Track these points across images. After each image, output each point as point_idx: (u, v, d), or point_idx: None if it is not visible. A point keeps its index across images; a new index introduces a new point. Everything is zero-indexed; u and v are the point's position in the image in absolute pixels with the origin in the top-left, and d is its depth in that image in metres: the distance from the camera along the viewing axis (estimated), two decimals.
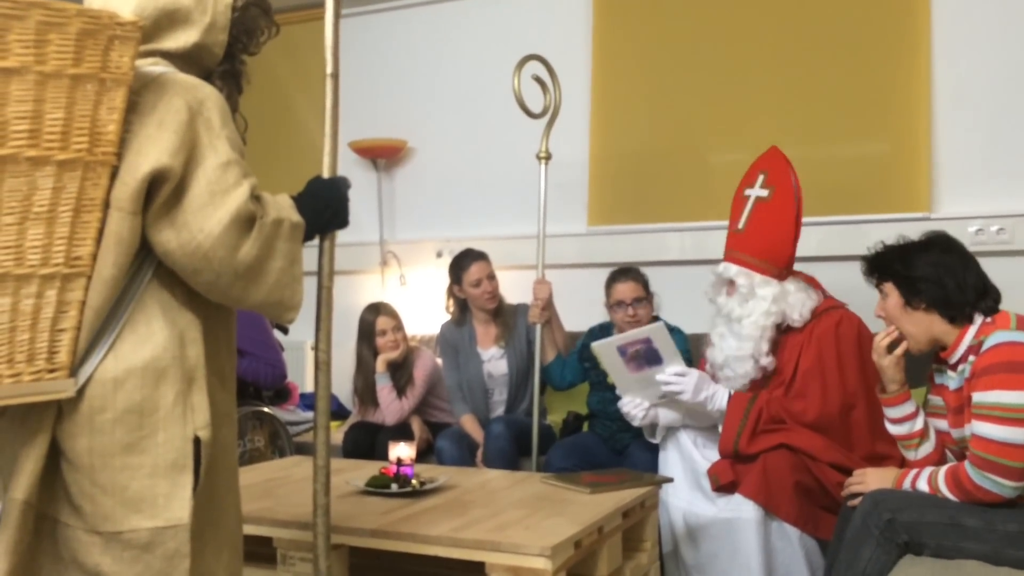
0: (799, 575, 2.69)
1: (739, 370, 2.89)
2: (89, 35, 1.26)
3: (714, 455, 2.90)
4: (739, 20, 4.03)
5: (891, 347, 2.34)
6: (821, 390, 2.79)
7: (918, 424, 2.35)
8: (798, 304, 2.88)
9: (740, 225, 2.97)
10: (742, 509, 2.68)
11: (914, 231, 2.41)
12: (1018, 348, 2.08)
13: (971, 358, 2.17)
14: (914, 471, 2.27)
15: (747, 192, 3.01)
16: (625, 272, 3.40)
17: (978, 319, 2.20)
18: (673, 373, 2.90)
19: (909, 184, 3.71)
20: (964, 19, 3.66)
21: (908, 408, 2.36)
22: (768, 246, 2.90)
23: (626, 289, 3.35)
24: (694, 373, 2.91)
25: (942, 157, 3.68)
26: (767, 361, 2.88)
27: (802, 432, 2.76)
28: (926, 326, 2.26)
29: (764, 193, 2.94)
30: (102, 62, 1.29)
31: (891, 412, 2.38)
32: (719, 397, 2.89)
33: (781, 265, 2.91)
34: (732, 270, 2.93)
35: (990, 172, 3.60)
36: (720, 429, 2.87)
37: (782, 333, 2.92)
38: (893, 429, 2.40)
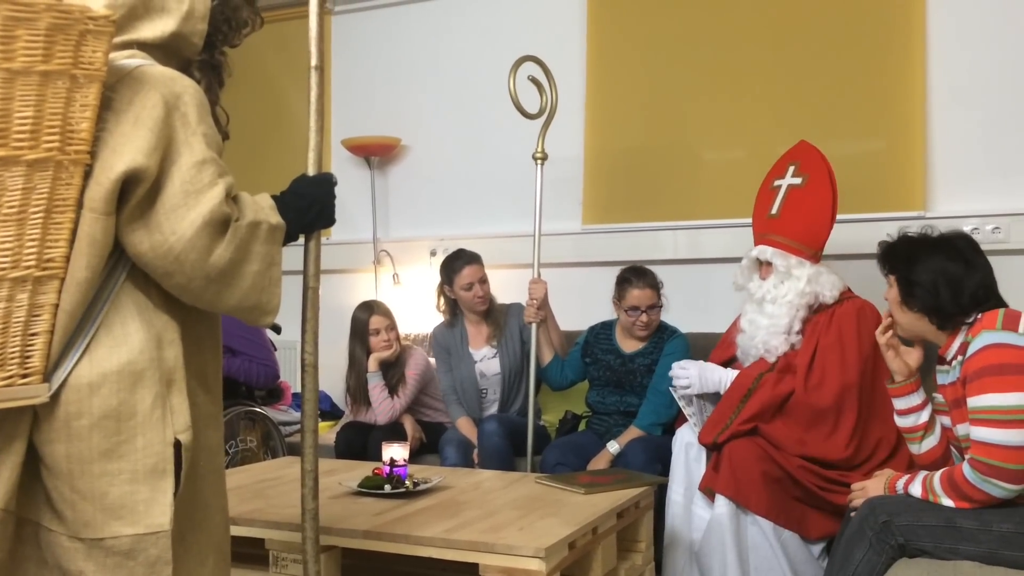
0: (776, 569, 2.68)
1: (771, 342, 2.93)
2: (59, 30, 1.22)
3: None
4: (733, 18, 4.01)
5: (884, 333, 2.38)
6: (840, 364, 2.82)
7: (923, 417, 2.35)
8: (829, 284, 2.94)
9: (774, 211, 3.03)
10: (718, 506, 2.70)
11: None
12: (1003, 350, 2.07)
13: (960, 356, 2.17)
14: (905, 476, 2.26)
15: (777, 182, 3.06)
16: (641, 275, 3.39)
17: (971, 318, 2.20)
18: (676, 366, 3.00)
19: (905, 183, 3.70)
20: (959, 17, 3.64)
21: (914, 400, 2.36)
22: (805, 228, 2.95)
23: (642, 296, 3.37)
24: (695, 363, 2.99)
25: (937, 155, 3.67)
26: (796, 339, 2.93)
27: (776, 424, 2.78)
28: (914, 324, 2.29)
29: (797, 181, 3.00)
30: (74, 58, 1.24)
31: (898, 403, 2.39)
32: (727, 380, 2.95)
33: (817, 247, 2.97)
34: (768, 252, 2.98)
35: (985, 171, 3.59)
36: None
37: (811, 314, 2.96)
38: (899, 421, 2.41)
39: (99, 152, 1.31)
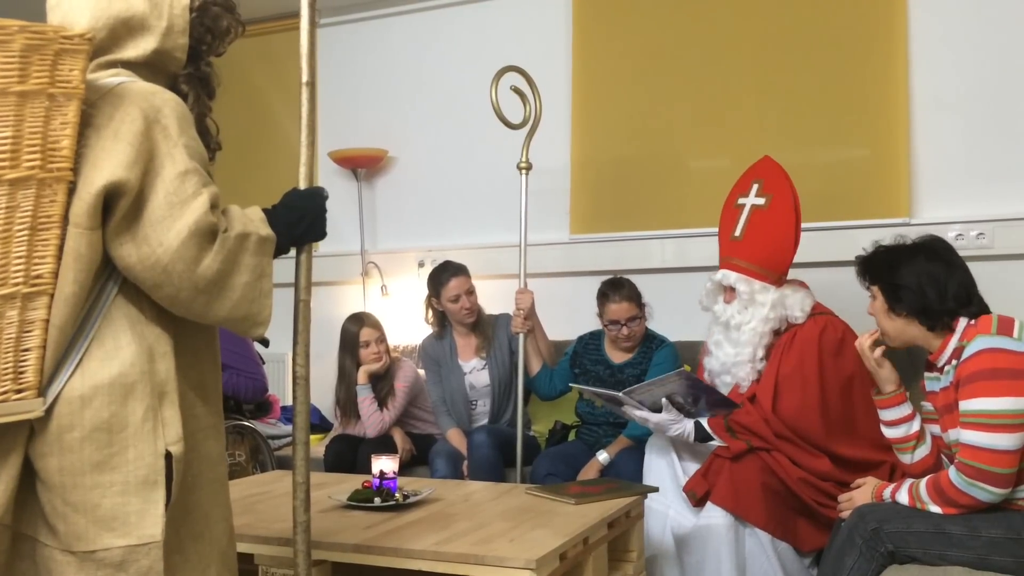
0: None
1: (739, 374, 2.92)
2: (34, 50, 1.23)
3: (692, 466, 2.90)
4: (719, 27, 4.04)
5: (875, 347, 2.38)
6: (801, 394, 2.80)
7: (914, 427, 2.36)
8: (797, 303, 2.91)
9: (737, 232, 2.99)
10: (713, 516, 2.68)
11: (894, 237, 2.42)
12: (998, 354, 2.09)
13: (954, 361, 2.18)
14: (891, 485, 2.28)
15: (741, 200, 3.03)
16: (617, 288, 3.37)
17: (963, 323, 2.21)
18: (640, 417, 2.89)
19: (889, 189, 3.73)
20: (942, 24, 3.68)
21: (904, 410, 2.37)
22: (768, 253, 2.93)
23: (620, 310, 3.35)
24: (658, 416, 2.87)
25: (921, 162, 3.70)
26: (761, 365, 2.91)
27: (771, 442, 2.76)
28: (904, 330, 2.29)
29: (761, 201, 2.97)
30: (50, 77, 1.26)
31: (886, 414, 2.39)
32: (688, 430, 2.88)
33: (780, 272, 2.95)
34: (732, 277, 2.94)
35: (969, 177, 3.62)
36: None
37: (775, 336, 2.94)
38: (889, 432, 2.40)
39: (81, 168, 1.32)
